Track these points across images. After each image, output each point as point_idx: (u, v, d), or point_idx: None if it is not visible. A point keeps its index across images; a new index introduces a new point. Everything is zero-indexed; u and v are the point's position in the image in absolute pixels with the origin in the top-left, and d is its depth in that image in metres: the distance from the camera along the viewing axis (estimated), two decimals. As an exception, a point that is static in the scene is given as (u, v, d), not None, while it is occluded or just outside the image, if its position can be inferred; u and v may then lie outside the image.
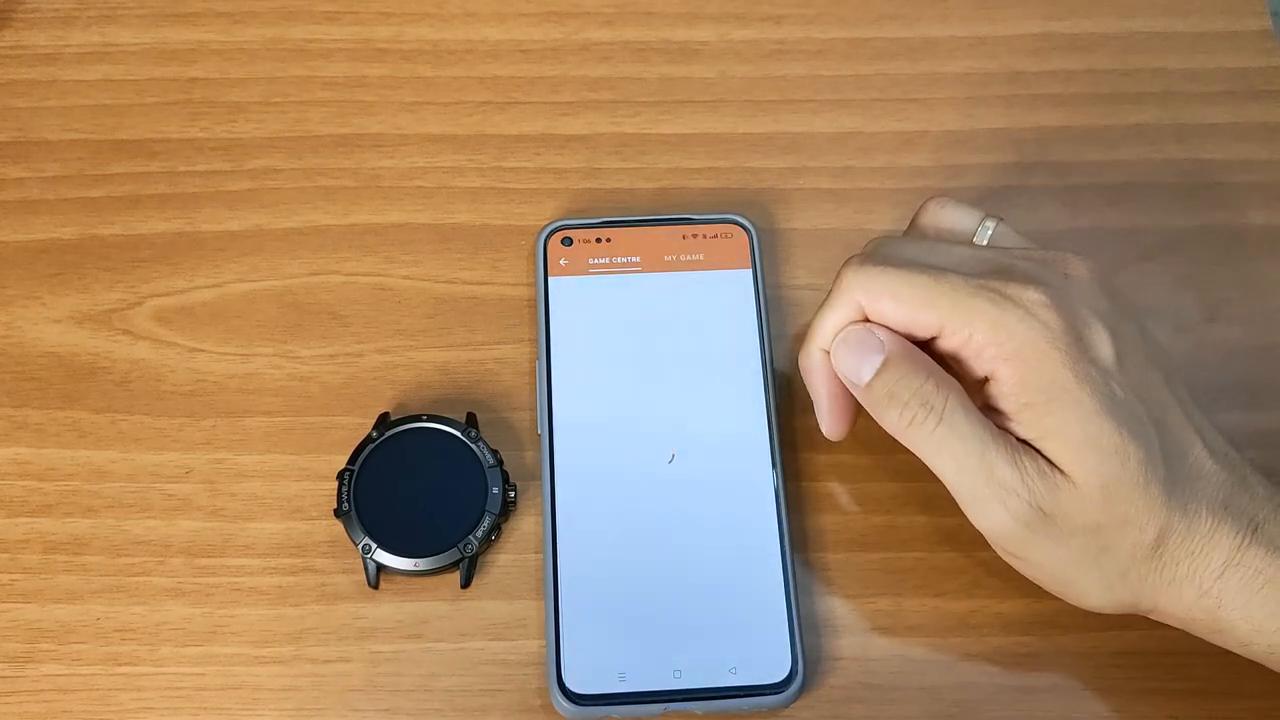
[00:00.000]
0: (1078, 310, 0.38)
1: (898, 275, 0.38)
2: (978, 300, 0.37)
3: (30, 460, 0.45)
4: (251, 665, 0.42)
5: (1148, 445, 0.37)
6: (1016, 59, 0.53)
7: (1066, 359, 0.37)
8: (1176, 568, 0.37)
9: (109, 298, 0.48)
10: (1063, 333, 0.37)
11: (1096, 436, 0.36)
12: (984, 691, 0.42)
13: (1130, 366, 0.38)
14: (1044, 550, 0.38)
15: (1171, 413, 0.38)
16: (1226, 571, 0.37)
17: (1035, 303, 0.37)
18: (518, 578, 0.43)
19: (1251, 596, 0.37)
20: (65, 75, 0.52)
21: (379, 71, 0.52)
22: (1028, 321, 0.37)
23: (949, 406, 0.38)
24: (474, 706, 0.42)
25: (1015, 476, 0.37)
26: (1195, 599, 0.37)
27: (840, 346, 0.40)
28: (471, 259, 0.49)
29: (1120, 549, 0.37)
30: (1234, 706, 0.42)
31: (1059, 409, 0.37)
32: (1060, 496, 0.37)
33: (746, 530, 0.43)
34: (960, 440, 0.37)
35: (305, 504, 0.44)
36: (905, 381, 0.38)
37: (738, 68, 0.53)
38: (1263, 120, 0.52)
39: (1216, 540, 0.37)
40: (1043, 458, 0.37)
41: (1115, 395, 0.37)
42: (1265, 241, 0.49)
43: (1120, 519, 0.37)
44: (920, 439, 0.38)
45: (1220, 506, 0.37)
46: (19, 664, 0.42)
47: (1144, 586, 0.38)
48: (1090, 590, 0.38)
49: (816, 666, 0.42)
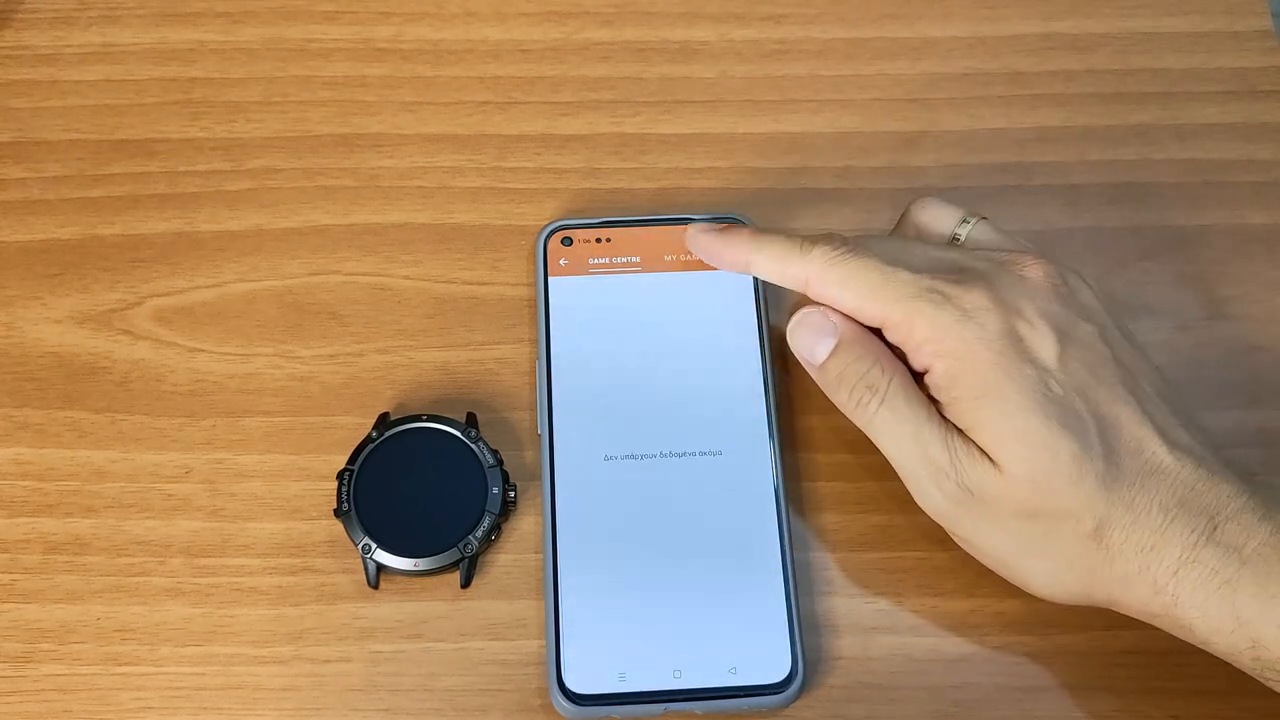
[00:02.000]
0: (1021, 311, 0.39)
1: (853, 266, 0.40)
2: (919, 300, 0.39)
3: (30, 460, 0.45)
4: (251, 665, 0.42)
5: (1083, 440, 0.38)
6: (1016, 59, 0.53)
7: (999, 360, 0.38)
8: (1127, 563, 0.37)
9: (109, 298, 0.48)
10: (998, 335, 0.39)
11: (1023, 431, 0.38)
12: (984, 691, 0.42)
13: (1075, 365, 0.39)
14: (983, 531, 0.39)
15: (1124, 410, 0.39)
16: (1181, 569, 0.37)
17: (976, 305, 0.39)
18: (518, 578, 0.43)
19: (1209, 596, 0.37)
20: (65, 75, 0.52)
21: (379, 71, 0.52)
22: (964, 323, 0.39)
23: (890, 390, 0.40)
24: (474, 706, 0.42)
25: (945, 457, 0.39)
26: (1151, 595, 0.37)
27: (797, 327, 0.42)
28: (471, 259, 0.49)
29: (1061, 536, 0.38)
30: (1235, 706, 0.42)
31: (987, 404, 0.38)
32: (988, 482, 0.38)
33: (746, 530, 0.43)
34: (898, 422, 0.39)
35: (305, 504, 0.44)
36: (854, 365, 0.40)
37: (738, 68, 0.53)
38: (1263, 120, 0.52)
39: (1169, 536, 0.37)
40: (975, 445, 0.39)
41: (1051, 393, 0.38)
42: (1266, 241, 0.49)
43: (1055, 509, 0.38)
44: (865, 419, 0.40)
45: (1175, 503, 0.37)
46: (19, 664, 0.42)
47: (1093, 579, 0.38)
48: (1035, 575, 0.39)
49: (816, 666, 0.42)
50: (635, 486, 0.43)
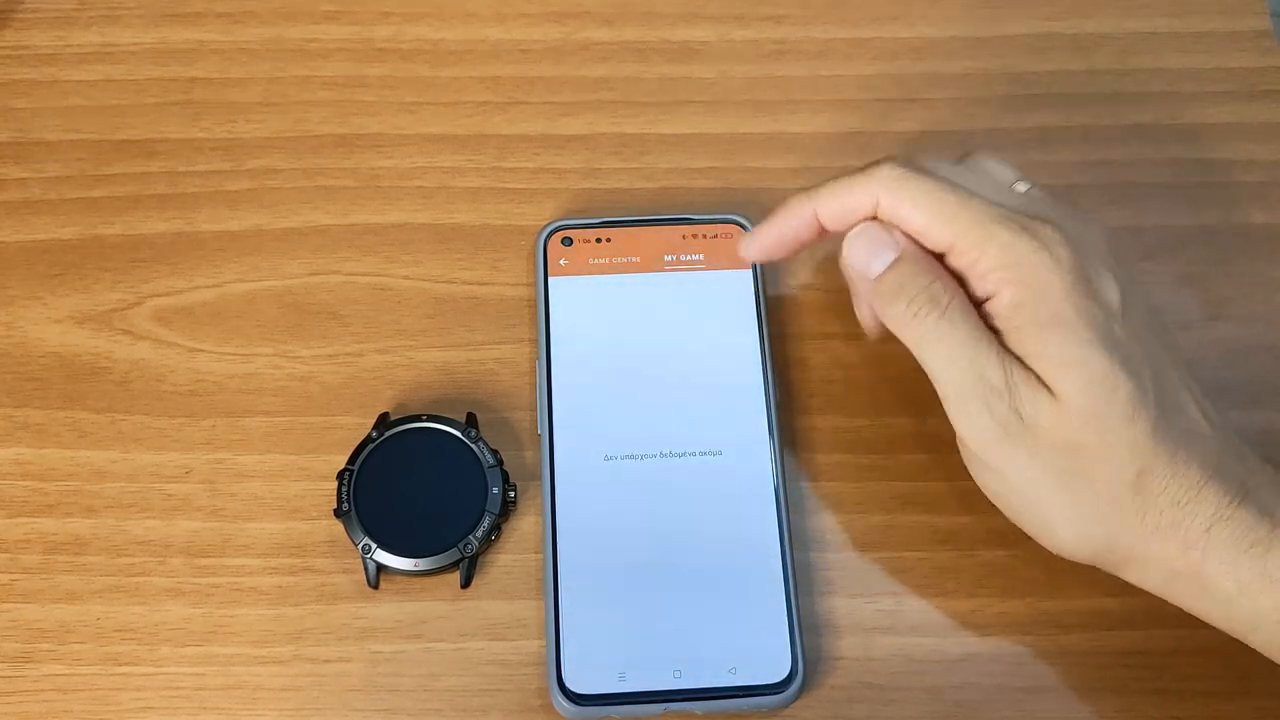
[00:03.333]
0: (1090, 256, 0.39)
1: (926, 184, 0.40)
2: (996, 225, 0.39)
3: (31, 460, 0.45)
4: (251, 665, 0.42)
5: (1140, 384, 0.38)
6: (1016, 59, 0.53)
7: (1071, 292, 0.38)
8: (1160, 515, 0.37)
9: (109, 298, 0.48)
10: (1071, 268, 0.38)
11: (1086, 360, 0.37)
12: (985, 691, 0.42)
13: (1133, 318, 0.39)
14: (1018, 463, 0.38)
15: (1172, 373, 0.39)
16: (1215, 526, 0.37)
17: (1051, 238, 0.39)
18: (518, 578, 0.43)
19: (1241, 554, 0.37)
20: (66, 75, 0.52)
21: (379, 71, 0.52)
22: (1040, 253, 0.38)
23: (953, 305, 0.39)
24: (474, 706, 0.42)
25: (1001, 379, 0.38)
26: (1180, 551, 0.37)
27: (856, 239, 0.41)
28: (471, 259, 0.49)
29: (1097, 478, 0.38)
30: (1237, 706, 0.42)
31: (1052, 332, 0.38)
32: (1042, 408, 0.38)
33: (746, 530, 0.43)
34: (957, 337, 0.39)
35: (305, 504, 0.44)
36: (916, 278, 0.39)
37: (738, 68, 0.53)
38: (1263, 120, 0.52)
39: (1205, 495, 0.37)
40: (1032, 373, 0.38)
41: (1114, 334, 0.38)
42: (1266, 241, 0.49)
43: (1101, 446, 0.37)
44: (921, 331, 0.39)
45: (1212, 466, 0.38)
46: (19, 664, 0.42)
47: (1122, 529, 0.38)
48: (1060, 520, 0.39)
49: (816, 666, 0.42)
50: (635, 486, 0.43)
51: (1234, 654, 0.39)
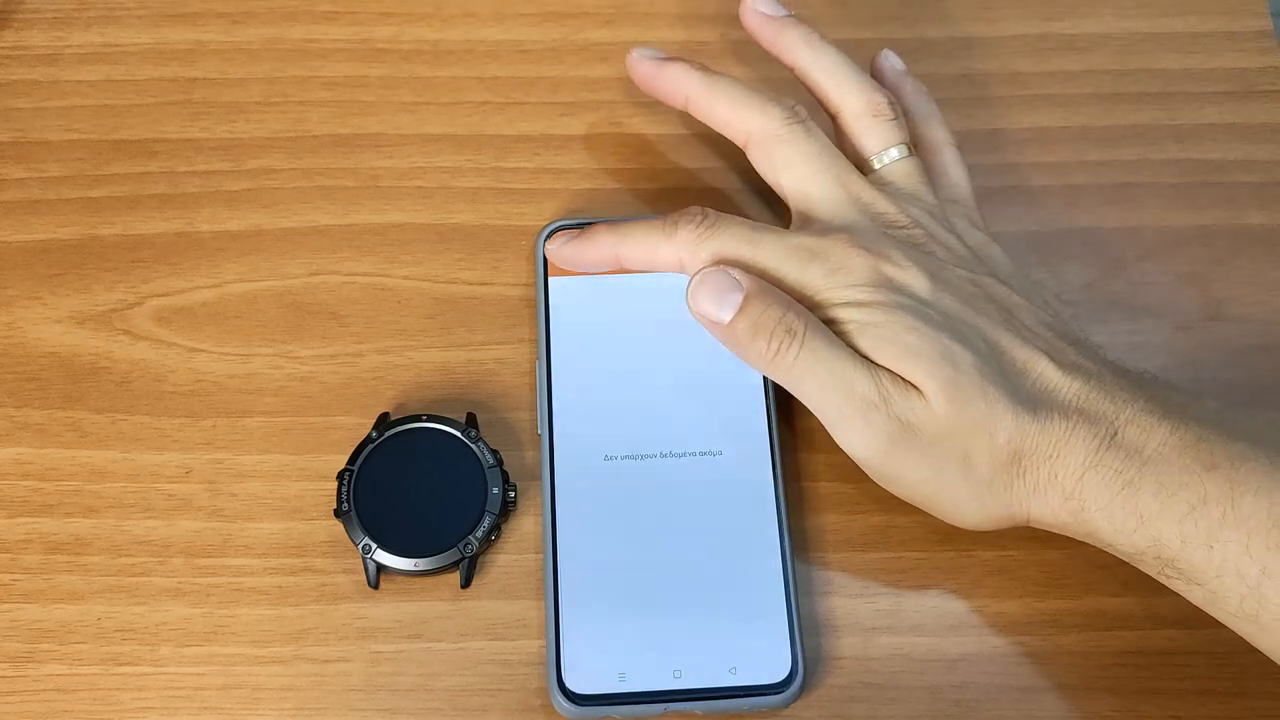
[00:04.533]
0: (888, 256, 0.41)
1: (721, 238, 0.42)
2: (787, 263, 0.41)
3: (31, 460, 0.45)
4: (251, 665, 0.42)
5: (978, 354, 0.39)
6: (1016, 59, 0.53)
7: (876, 295, 0.40)
8: (1037, 472, 0.39)
9: (109, 298, 0.48)
10: (870, 275, 0.40)
11: (918, 346, 0.39)
12: (985, 691, 0.42)
13: (949, 300, 0.40)
14: (911, 464, 0.39)
15: (1005, 337, 0.40)
16: (1086, 473, 0.38)
17: (842, 255, 0.41)
18: (518, 578, 0.43)
19: (1112, 498, 0.38)
20: (66, 75, 0.52)
21: (379, 71, 0.52)
22: (835, 274, 0.40)
23: (808, 332, 0.40)
24: (474, 706, 0.42)
25: (873, 389, 0.39)
26: (1061, 502, 0.39)
27: (699, 288, 0.41)
28: (471, 259, 0.49)
29: (978, 454, 0.39)
30: (1236, 706, 0.42)
31: (878, 331, 0.39)
32: (914, 404, 0.39)
33: (746, 530, 0.43)
34: (820, 362, 0.39)
35: (305, 504, 0.44)
36: (767, 313, 0.40)
37: (738, 68, 0.53)
38: (1263, 120, 0.52)
39: (1073, 443, 0.38)
40: (898, 376, 0.39)
41: (932, 317, 0.39)
42: (1266, 241, 0.49)
43: (969, 424, 0.38)
44: (785, 366, 0.40)
45: (1074, 411, 0.39)
46: (20, 664, 0.42)
47: (1011, 495, 0.39)
48: (962, 504, 0.40)
49: (816, 666, 0.42)
50: (635, 486, 0.43)
51: (1232, 654, 0.39)
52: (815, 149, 0.44)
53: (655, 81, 0.47)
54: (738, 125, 0.45)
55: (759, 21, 0.48)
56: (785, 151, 0.44)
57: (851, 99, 0.46)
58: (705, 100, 0.46)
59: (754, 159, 0.45)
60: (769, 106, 0.44)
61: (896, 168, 0.45)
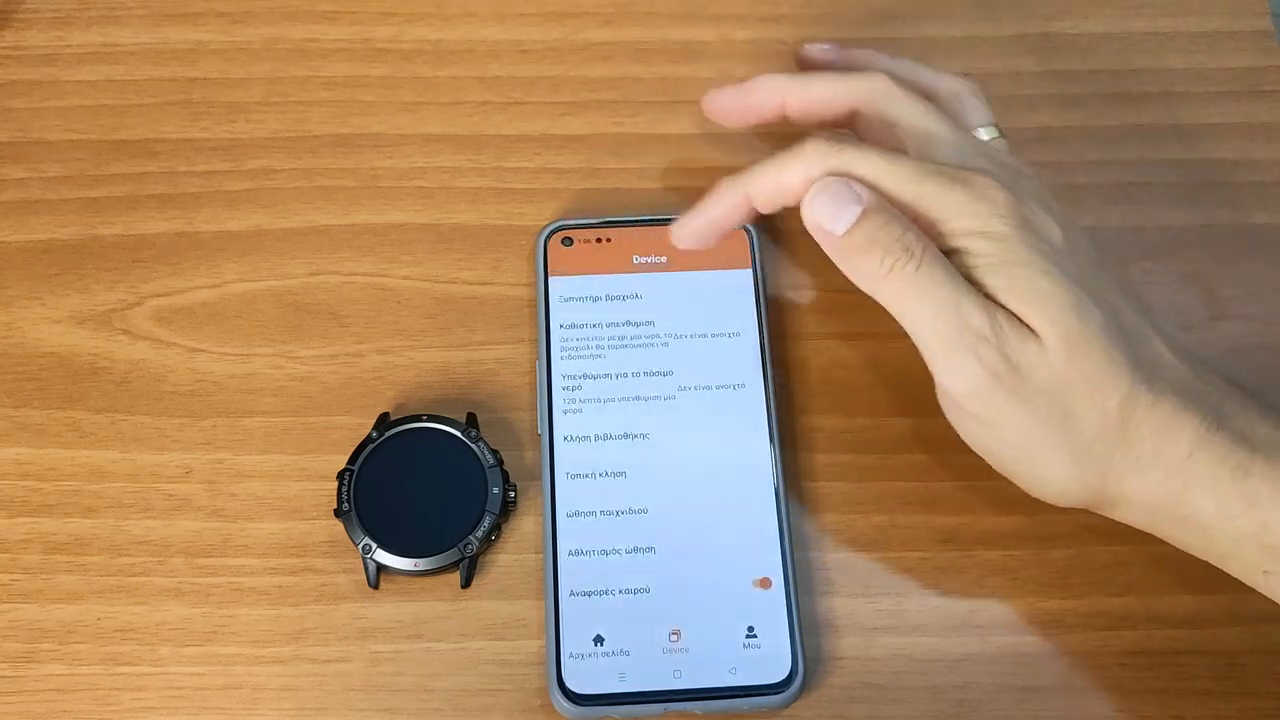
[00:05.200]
0: (1026, 203, 0.39)
1: (856, 155, 0.40)
2: (930, 181, 0.39)
3: (31, 460, 0.45)
4: (251, 665, 0.42)
5: (1106, 313, 0.38)
6: (1016, 59, 0.53)
7: (1018, 233, 0.38)
8: (1142, 444, 0.38)
9: (109, 298, 0.48)
10: (1012, 212, 0.39)
11: (1052, 292, 0.38)
12: (986, 691, 0.42)
13: (1080, 256, 0.39)
14: (1009, 410, 0.38)
15: (1126, 305, 0.39)
16: (1196, 452, 0.37)
17: (986, 186, 0.39)
18: (518, 578, 0.43)
19: (1221, 478, 0.37)
20: (65, 75, 0.52)
21: (379, 71, 0.52)
22: (980, 201, 0.39)
23: (926, 254, 0.38)
24: (474, 706, 0.42)
25: (987, 324, 0.37)
26: (1162, 479, 0.38)
27: (817, 196, 0.40)
28: (471, 259, 0.49)
29: (1086, 414, 0.38)
30: (1237, 706, 0.42)
31: (1013, 269, 0.38)
32: (1028, 347, 0.37)
33: (747, 530, 0.43)
34: (937, 286, 0.38)
35: (305, 504, 0.44)
36: (886, 229, 0.39)
37: (738, 68, 0.53)
38: (1264, 120, 0.52)
39: (1183, 420, 0.37)
40: (1014, 315, 0.38)
41: (1067, 269, 0.38)
42: (1267, 241, 0.49)
43: (1085, 379, 0.37)
44: (896, 286, 0.38)
45: (1185, 390, 0.38)
46: (20, 664, 0.42)
47: (1109, 466, 0.38)
48: (1053, 464, 0.38)
49: (816, 666, 0.42)
50: (635, 486, 0.43)
51: (1234, 654, 0.39)
52: (927, 106, 0.42)
53: (746, 105, 0.46)
54: (843, 97, 0.43)
55: (822, 57, 0.48)
56: (901, 109, 0.42)
57: (945, 82, 0.45)
58: (801, 89, 0.44)
59: (865, 128, 0.44)
60: (872, 75, 0.43)
61: (997, 143, 0.44)
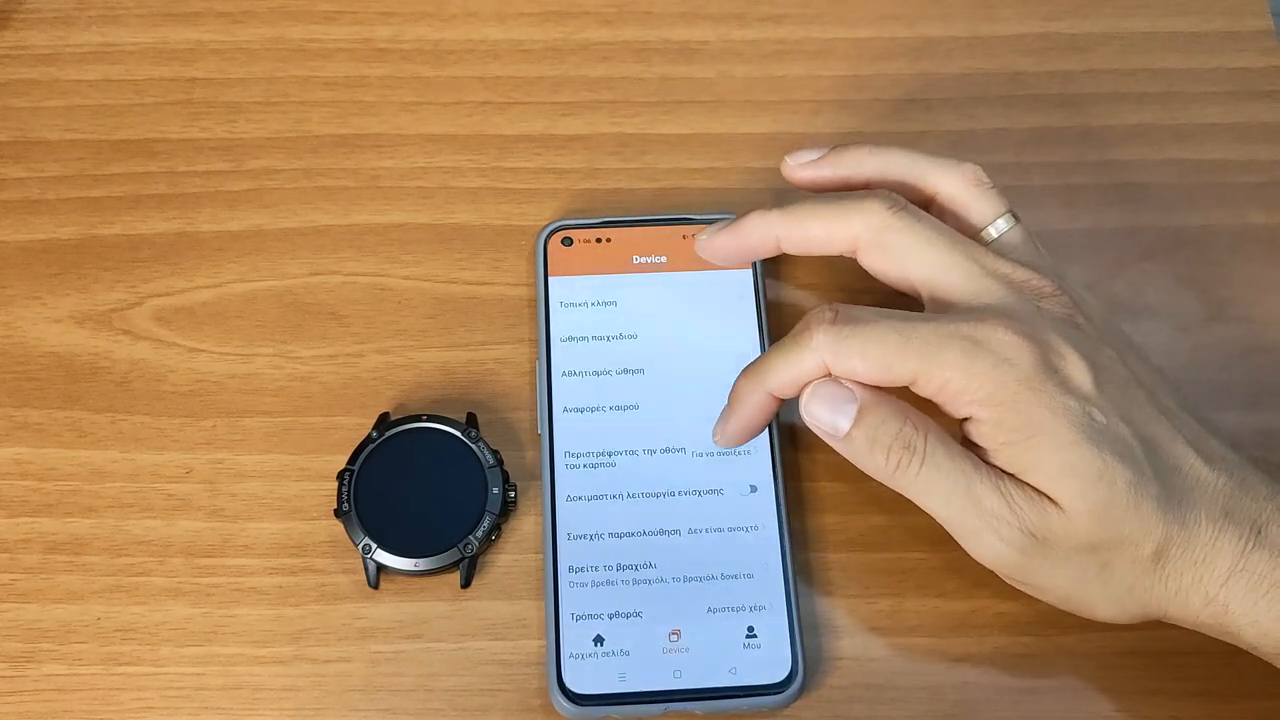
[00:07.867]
0: (1050, 343, 0.38)
1: (866, 334, 0.39)
2: (947, 352, 0.38)
3: (30, 460, 0.45)
4: (251, 665, 0.42)
5: (1135, 466, 0.37)
6: (1016, 59, 0.53)
7: (1041, 397, 0.37)
8: (1180, 578, 0.38)
9: (109, 298, 0.48)
10: (1035, 370, 0.37)
11: (1077, 465, 0.37)
12: (985, 692, 0.42)
13: (1110, 391, 0.38)
14: (1045, 574, 0.38)
15: (1159, 429, 0.39)
16: (1231, 578, 0.37)
17: (1006, 344, 0.38)
18: (518, 578, 0.43)
19: (1258, 600, 0.37)
20: (65, 75, 0.52)
21: (379, 71, 0.52)
22: (1000, 366, 0.37)
23: (929, 445, 0.38)
24: (474, 706, 0.42)
25: (1002, 504, 0.37)
26: (1202, 606, 0.38)
27: (812, 401, 0.39)
28: (471, 259, 0.49)
29: (1120, 566, 0.38)
30: (1236, 707, 0.42)
31: (1037, 445, 0.37)
32: (1050, 521, 0.37)
33: (746, 530, 0.43)
34: (944, 476, 0.38)
35: (305, 504, 0.44)
36: (884, 426, 0.38)
37: (738, 68, 0.53)
38: (1263, 120, 0.52)
39: (1219, 548, 0.37)
40: (1029, 486, 0.38)
41: (1096, 422, 0.37)
42: (1266, 241, 0.49)
43: (1115, 539, 0.37)
44: (907, 481, 0.39)
45: (1220, 514, 0.37)
46: (19, 664, 0.42)
47: (1150, 598, 0.38)
48: (1099, 606, 0.39)
49: (816, 666, 0.42)
50: (635, 486, 0.43)
51: (1233, 655, 0.39)
52: (932, 230, 0.41)
53: (739, 246, 0.44)
54: (841, 234, 0.42)
55: (810, 170, 0.45)
56: (903, 241, 0.41)
57: (945, 178, 0.43)
58: (796, 229, 0.42)
59: (869, 261, 0.42)
60: (866, 203, 0.41)
61: (1012, 235, 0.43)
